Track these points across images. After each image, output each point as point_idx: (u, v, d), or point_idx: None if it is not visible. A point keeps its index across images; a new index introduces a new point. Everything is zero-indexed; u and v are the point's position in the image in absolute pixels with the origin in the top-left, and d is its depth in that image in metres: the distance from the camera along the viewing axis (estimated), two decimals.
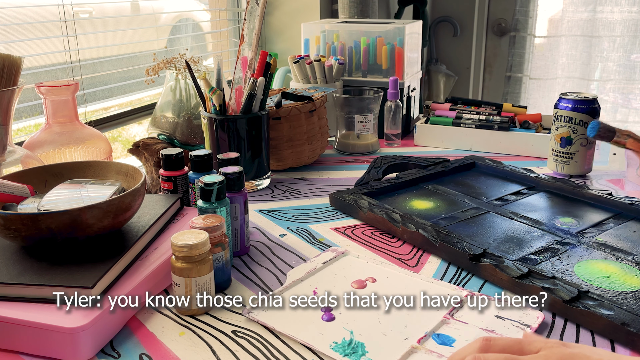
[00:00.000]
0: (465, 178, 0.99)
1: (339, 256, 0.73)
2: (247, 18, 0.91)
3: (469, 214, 0.84)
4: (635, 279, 0.65)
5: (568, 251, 0.72)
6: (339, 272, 0.69)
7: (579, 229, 0.78)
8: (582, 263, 0.69)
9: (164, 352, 0.55)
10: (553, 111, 1.02)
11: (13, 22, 1.04)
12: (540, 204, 0.87)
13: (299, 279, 0.67)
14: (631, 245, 0.73)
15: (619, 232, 0.77)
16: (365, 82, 1.27)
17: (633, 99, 2.37)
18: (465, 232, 0.78)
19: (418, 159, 1.04)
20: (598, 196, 0.85)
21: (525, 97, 2.50)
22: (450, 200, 0.89)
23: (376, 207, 0.84)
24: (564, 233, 0.76)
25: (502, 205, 0.86)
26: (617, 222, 0.80)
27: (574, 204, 0.87)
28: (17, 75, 0.79)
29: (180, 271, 0.59)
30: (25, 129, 1.21)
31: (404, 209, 0.86)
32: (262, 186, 0.98)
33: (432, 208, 0.86)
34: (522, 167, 0.98)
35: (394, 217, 0.80)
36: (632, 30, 2.26)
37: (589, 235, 0.76)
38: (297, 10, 1.66)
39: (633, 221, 0.80)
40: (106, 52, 1.25)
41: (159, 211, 0.72)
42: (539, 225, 0.79)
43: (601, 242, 0.74)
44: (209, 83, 0.92)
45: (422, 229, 0.76)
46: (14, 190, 0.66)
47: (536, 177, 0.94)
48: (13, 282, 0.56)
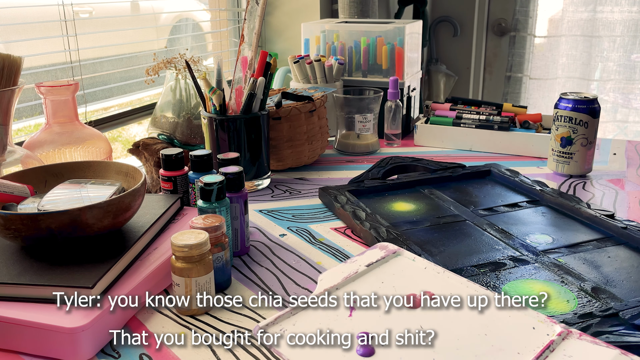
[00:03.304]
0: (470, 185, 0.95)
1: (388, 256, 0.59)
2: (247, 18, 0.91)
3: (443, 220, 0.81)
4: (565, 304, 0.60)
5: (515, 268, 0.67)
6: (386, 281, 0.54)
7: (547, 248, 0.72)
8: (518, 281, 0.64)
9: (164, 352, 0.55)
10: (553, 111, 1.02)
11: (13, 22, 1.04)
12: (529, 218, 0.82)
13: (333, 286, 0.53)
14: (590, 271, 0.67)
15: (591, 256, 0.71)
16: (365, 82, 1.27)
17: (633, 99, 2.36)
18: (423, 237, 0.76)
19: (429, 162, 1.01)
20: (594, 216, 0.79)
21: (525, 97, 2.50)
22: (436, 205, 0.87)
23: (348, 204, 0.84)
24: (527, 250, 0.72)
25: (485, 216, 0.83)
26: (598, 246, 0.73)
27: (566, 222, 0.81)
28: (17, 75, 0.79)
29: (180, 271, 0.59)
30: (25, 129, 1.21)
31: (381, 210, 0.85)
32: (262, 186, 0.98)
33: (410, 211, 0.85)
34: (534, 180, 0.93)
35: (358, 215, 0.80)
36: (632, 30, 2.26)
37: (553, 256, 0.70)
38: (297, 10, 1.66)
39: (619, 246, 0.73)
40: (106, 52, 1.25)
41: (159, 211, 0.72)
42: (507, 239, 0.75)
43: (559, 263, 0.68)
44: (209, 83, 0.92)
45: (375, 229, 0.75)
46: (14, 190, 0.66)
47: (541, 191, 0.88)
48: (13, 282, 0.56)
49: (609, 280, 0.65)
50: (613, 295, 0.61)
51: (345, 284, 0.54)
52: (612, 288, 0.63)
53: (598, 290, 0.62)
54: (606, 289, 0.62)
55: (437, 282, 0.53)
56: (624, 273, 0.66)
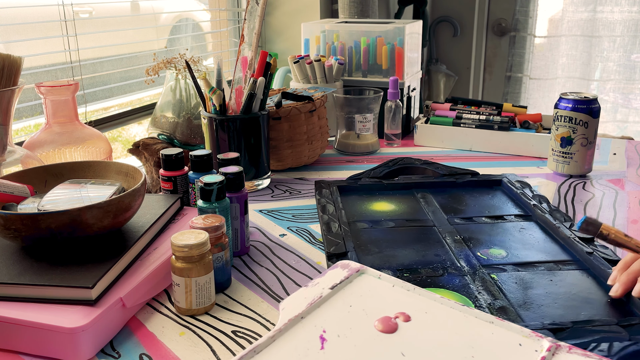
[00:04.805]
0: (469, 193, 0.92)
1: (352, 275, 0.53)
2: (247, 18, 0.91)
3: (410, 224, 0.80)
4: None
5: (439, 277, 0.66)
6: (354, 304, 0.49)
7: (492, 263, 0.69)
8: (429, 289, 0.61)
9: (164, 352, 0.55)
10: (553, 111, 1.02)
11: (13, 22, 1.04)
12: (500, 232, 0.78)
13: (298, 315, 0.47)
14: (515, 291, 0.63)
15: (533, 276, 0.66)
16: (365, 82, 1.27)
17: (633, 99, 2.37)
18: (374, 236, 0.77)
19: (439, 166, 0.99)
20: (567, 237, 0.74)
21: (525, 97, 2.50)
22: (415, 209, 0.86)
23: (325, 197, 0.85)
24: (467, 261, 0.69)
25: (457, 224, 0.80)
26: (551, 267, 0.68)
27: (539, 240, 0.76)
28: (17, 75, 0.79)
29: (180, 271, 0.59)
30: (25, 129, 1.21)
31: (357, 208, 0.86)
32: (262, 186, 0.98)
33: (385, 211, 0.85)
34: (536, 194, 0.87)
35: (326, 209, 0.82)
36: (632, 30, 2.26)
37: (490, 271, 0.67)
38: (297, 10, 1.66)
39: (578, 271, 0.67)
40: (106, 52, 1.25)
41: (159, 211, 0.72)
42: (457, 249, 0.73)
43: (489, 279, 0.65)
44: (209, 83, 0.92)
45: (328, 224, 0.77)
46: (14, 190, 0.66)
47: (534, 206, 0.83)
48: (13, 282, 0.56)
49: (527, 303, 0.61)
50: (517, 318, 0.57)
51: (311, 310, 0.48)
52: (523, 311, 0.59)
53: (505, 310, 0.59)
54: (515, 310, 0.59)
55: (409, 301, 0.49)
56: (551, 298, 0.62)
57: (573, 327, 0.54)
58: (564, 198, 0.93)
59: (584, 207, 0.89)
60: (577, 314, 0.59)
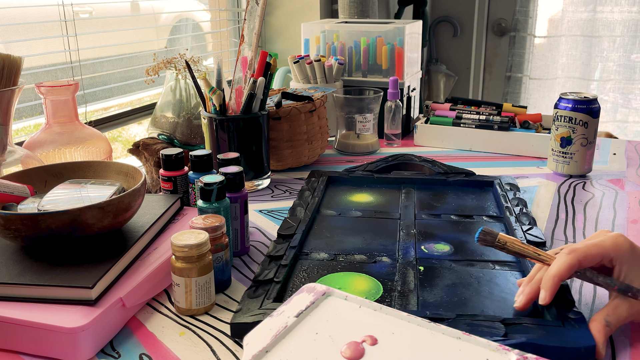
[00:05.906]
0: (454, 192, 0.91)
1: (318, 300, 0.51)
2: (247, 18, 0.91)
3: (376, 215, 0.83)
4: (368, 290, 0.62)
5: (369, 264, 0.68)
6: (321, 331, 0.47)
7: (428, 256, 0.70)
8: (351, 273, 0.66)
9: (164, 352, 0.55)
10: (553, 111, 1.02)
11: (13, 22, 1.04)
12: (458, 230, 0.78)
13: (262, 350, 0.44)
14: (431, 283, 0.64)
15: (459, 272, 0.67)
16: (365, 82, 1.27)
17: (633, 99, 2.37)
18: (330, 224, 0.80)
19: (438, 165, 0.98)
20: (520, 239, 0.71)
21: (525, 97, 2.50)
22: (390, 202, 0.87)
23: (309, 186, 0.90)
24: (404, 252, 0.71)
25: (421, 219, 0.81)
26: (485, 267, 0.68)
27: None
28: (17, 75, 0.79)
29: (180, 271, 0.59)
30: (25, 129, 1.21)
31: (337, 198, 0.90)
32: (262, 186, 0.98)
33: (360, 202, 0.88)
34: (516, 197, 0.85)
35: (303, 195, 0.86)
36: (632, 30, 2.26)
37: (422, 263, 0.68)
38: (297, 10, 1.66)
39: (508, 272, 0.67)
40: (106, 52, 1.25)
41: (159, 211, 0.72)
42: (404, 241, 0.74)
43: (415, 271, 0.66)
44: (209, 83, 0.92)
45: (294, 209, 0.81)
46: (14, 190, 0.66)
47: (507, 208, 0.82)
48: (13, 282, 0.56)
49: (434, 294, 0.62)
50: (409, 305, 0.59)
51: (276, 343, 0.45)
52: (422, 300, 0.61)
53: (405, 295, 0.61)
54: (417, 298, 0.60)
55: (376, 321, 0.48)
56: (460, 292, 0.62)
57: (454, 319, 0.55)
58: (563, 198, 0.93)
59: (584, 207, 0.89)
60: (473, 309, 0.59)
